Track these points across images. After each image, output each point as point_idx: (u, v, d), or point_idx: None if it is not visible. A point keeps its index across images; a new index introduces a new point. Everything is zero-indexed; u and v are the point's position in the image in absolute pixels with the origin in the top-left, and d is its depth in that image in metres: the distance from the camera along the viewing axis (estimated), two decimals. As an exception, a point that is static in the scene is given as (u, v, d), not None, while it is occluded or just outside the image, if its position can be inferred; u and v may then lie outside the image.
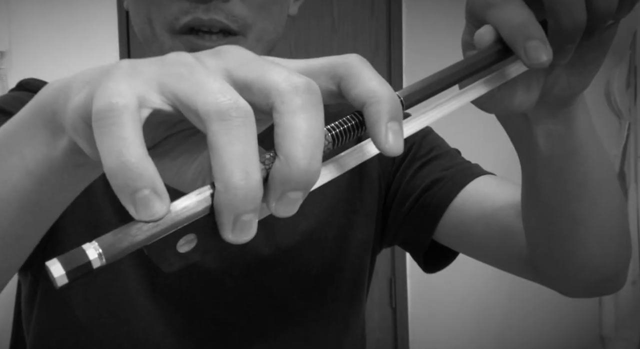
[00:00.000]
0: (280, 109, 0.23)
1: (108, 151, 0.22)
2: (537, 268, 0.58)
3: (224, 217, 0.23)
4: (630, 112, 2.37)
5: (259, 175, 0.23)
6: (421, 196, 0.66)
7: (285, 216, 0.24)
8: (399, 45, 2.37)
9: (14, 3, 1.96)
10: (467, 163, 0.68)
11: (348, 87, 0.27)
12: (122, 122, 0.22)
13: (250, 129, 0.23)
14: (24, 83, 0.66)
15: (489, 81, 0.34)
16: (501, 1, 0.33)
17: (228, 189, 0.22)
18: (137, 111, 0.23)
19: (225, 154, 0.22)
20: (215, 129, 0.22)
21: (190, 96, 0.23)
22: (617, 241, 0.53)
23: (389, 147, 0.26)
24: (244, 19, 0.57)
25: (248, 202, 0.22)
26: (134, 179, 0.22)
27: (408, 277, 2.37)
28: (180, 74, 0.24)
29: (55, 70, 1.99)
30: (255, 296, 0.64)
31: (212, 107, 0.23)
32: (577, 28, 0.33)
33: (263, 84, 0.24)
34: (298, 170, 0.23)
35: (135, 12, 0.60)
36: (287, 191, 0.23)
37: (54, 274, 0.21)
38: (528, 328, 2.43)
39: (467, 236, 0.64)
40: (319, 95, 0.24)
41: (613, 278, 0.56)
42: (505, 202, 0.59)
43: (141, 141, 0.22)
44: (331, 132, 0.26)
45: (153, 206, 0.22)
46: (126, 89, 0.23)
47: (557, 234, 0.51)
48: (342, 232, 0.69)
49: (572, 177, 0.46)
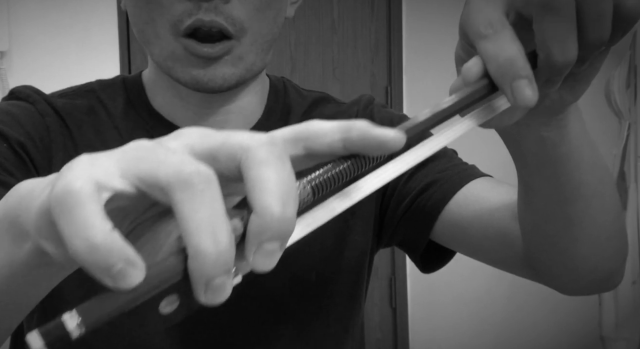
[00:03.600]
0: (246, 164, 0.24)
1: (72, 236, 0.22)
2: (534, 267, 0.58)
3: (195, 282, 0.23)
4: (630, 112, 2.37)
5: (228, 237, 0.23)
6: (417, 198, 0.67)
7: (265, 270, 0.24)
8: (399, 45, 2.37)
9: (14, 3, 1.96)
10: (464, 165, 0.68)
11: (318, 143, 0.27)
12: (80, 203, 0.22)
13: (215, 192, 0.23)
14: (16, 91, 0.65)
15: (477, 115, 0.34)
16: (492, 33, 0.33)
17: (197, 255, 0.22)
18: (95, 191, 0.23)
19: (192, 221, 0.22)
20: (179, 198, 0.23)
21: (151, 171, 0.23)
22: (613, 240, 0.54)
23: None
24: (241, 23, 0.58)
25: (218, 266, 0.22)
26: (105, 258, 0.22)
27: (408, 277, 2.37)
28: (140, 156, 0.24)
29: (55, 70, 1.99)
30: (254, 300, 0.65)
31: (173, 177, 0.23)
32: (567, 63, 0.33)
33: (226, 148, 0.25)
34: (272, 219, 0.23)
35: (136, 12, 0.60)
36: (263, 242, 0.23)
37: (33, 346, 0.22)
38: (528, 327, 2.43)
39: (463, 237, 0.64)
40: (283, 148, 0.25)
41: (610, 276, 0.57)
42: (501, 204, 0.60)
43: (102, 216, 0.22)
44: (310, 184, 0.27)
45: (129, 276, 0.22)
46: (84, 175, 0.23)
47: (552, 234, 0.52)
48: (341, 236, 0.69)
49: (566, 181, 0.47)
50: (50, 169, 0.60)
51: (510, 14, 0.35)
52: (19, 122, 0.60)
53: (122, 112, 0.65)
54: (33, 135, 0.60)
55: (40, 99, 0.63)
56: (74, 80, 0.70)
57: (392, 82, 2.36)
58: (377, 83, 2.37)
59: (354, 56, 2.36)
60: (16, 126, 0.60)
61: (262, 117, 0.68)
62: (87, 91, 0.67)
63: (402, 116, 0.74)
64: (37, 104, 0.63)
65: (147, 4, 0.58)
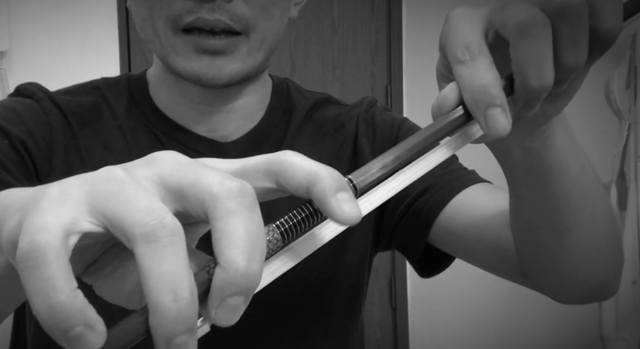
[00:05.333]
0: (214, 214, 0.23)
1: (34, 294, 0.22)
2: (527, 275, 0.58)
3: (157, 340, 0.22)
4: (630, 112, 2.37)
5: (189, 294, 0.22)
6: (414, 202, 0.66)
7: (227, 325, 0.24)
8: (399, 45, 2.37)
9: (14, 3, 1.96)
10: (463, 170, 0.68)
11: (287, 181, 0.27)
12: (45, 261, 0.22)
13: (179, 247, 0.22)
14: (21, 88, 0.65)
15: (452, 144, 0.34)
16: (469, 59, 0.32)
17: (157, 312, 0.22)
18: (62, 244, 0.22)
19: (152, 276, 0.22)
20: (141, 251, 0.22)
21: (117, 215, 0.23)
22: (605, 250, 0.53)
23: (347, 216, 0.25)
24: (247, 20, 0.57)
25: (179, 323, 0.22)
26: (64, 320, 0.21)
27: (408, 277, 2.37)
28: (110, 192, 0.24)
29: (55, 70, 1.99)
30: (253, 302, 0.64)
31: (137, 229, 0.22)
32: (544, 87, 0.33)
33: (196, 191, 0.24)
34: (236, 274, 0.22)
35: (137, 9, 0.60)
36: (227, 296, 0.23)
37: None
38: (528, 327, 2.43)
39: (459, 243, 0.64)
40: (253, 196, 0.24)
41: (603, 286, 0.56)
42: (496, 211, 0.60)
43: (67, 276, 0.22)
44: (280, 229, 0.26)
45: (88, 340, 0.22)
46: (51, 221, 0.23)
47: (542, 243, 0.51)
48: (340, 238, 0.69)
49: (552, 191, 0.46)
50: (50, 168, 0.60)
51: (490, 32, 0.34)
52: (22, 119, 0.60)
53: (125, 111, 0.65)
54: (35, 133, 0.60)
55: (45, 97, 0.63)
56: (74, 81, 0.70)
57: (392, 82, 2.36)
58: (377, 83, 2.37)
59: (354, 56, 2.36)
60: (19, 123, 0.60)
61: (264, 117, 0.68)
62: (92, 87, 0.67)
63: (403, 120, 0.73)
64: (41, 102, 0.63)
65: (147, 1, 0.58)
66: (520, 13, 0.32)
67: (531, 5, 0.32)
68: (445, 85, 0.35)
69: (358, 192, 0.28)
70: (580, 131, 2.29)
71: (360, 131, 0.71)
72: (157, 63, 0.66)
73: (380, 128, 0.71)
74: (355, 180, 0.28)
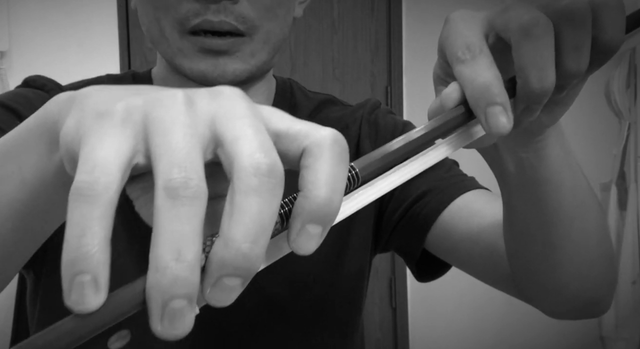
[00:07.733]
0: (234, 186, 0.22)
1: (76, 225, 0.21)
2: (518, 287, 0.58)
3: (151, 302, 0.21)
4: (630, 112, 2.38)
5: (193, 258, 0.21)
6: (412, 206, 0.67)
7: (220, 306, 0.22)
8: (399, 45, 2.37)
9: (14, 3, 1.96)
10: (462, 176, 0.68)
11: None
12: (96, 203, 0.21)
13: (197, 209, 0.21)
14: (30, 80, 0.66)
15: (452, 142, 0.33)
16: (469, 58, 0.33)
17: (157, 267, 0.21)
18: (118, 188, 0.22)
19: (162, 232, 0.21)
20: (159, 203, 0.21)
21: (156, 157, 0.22)
22: (597, 266, 0.53)
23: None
24: (252, 21, 0.57)
25: (178, 285, 0.21)
26: (82, 260, 0.21)
27: (408, 277, 2.37)
28: (163, 126, 0.23)
29: (55, 70, 1.99)
30: (253, 302, 0.64)
31: (162, 181, 0.22)
32: (545, 90, 0.33)
33: (229, 152, 0.23)
34: (236, 254, 0.21)
35: (143, 11, 0.60)
36: (223, 276, 0.22)
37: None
38: (528, 327, 2.43)
39: (454, 251, 0.64)
40: (280, 179, 0.23)
41: (595, 302, 0.56)
42: (492, 220, 0.59)
43: (107, 225, 0.21)
44: (282, 210, 0.25)
45: (87, 294, 0.21)
46: (113, 156, 0.22)
47: (533, 256, 0.51)
48: (340, 238, 0.69)
49: (545, 203, 0.46)
50: None
51: (490, 35, 0.34)
52: (33, 104, 0.60)
53: None
54: None
55: (56, 88, 0.64)
56: (74, 80, 0.70)
57: (392, 82, 2.36)
58: (377, 83, 2.37)
59: (354, 56, 2.36)
60: (31, 109, 0.60)
61: None
62: (97, 83, 0.67)
63: (406, 123, 0.73)
64: (52, 93, 0.63)
65: (153, 2, 0.58)
66: (523, 15, 0.32)
67: (534, 8, 0.32)
68: (443, 89, 0.34)
69: (360, 180, 0.28)
70: (580, 131, 2.31)
71: (363, 133, 0.71)
72: (161, 63, 0.66)
73: (382, 131, 0.71)
74: (358, 167, 0.28)
